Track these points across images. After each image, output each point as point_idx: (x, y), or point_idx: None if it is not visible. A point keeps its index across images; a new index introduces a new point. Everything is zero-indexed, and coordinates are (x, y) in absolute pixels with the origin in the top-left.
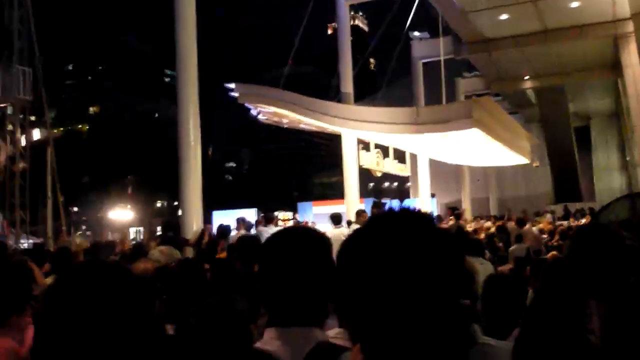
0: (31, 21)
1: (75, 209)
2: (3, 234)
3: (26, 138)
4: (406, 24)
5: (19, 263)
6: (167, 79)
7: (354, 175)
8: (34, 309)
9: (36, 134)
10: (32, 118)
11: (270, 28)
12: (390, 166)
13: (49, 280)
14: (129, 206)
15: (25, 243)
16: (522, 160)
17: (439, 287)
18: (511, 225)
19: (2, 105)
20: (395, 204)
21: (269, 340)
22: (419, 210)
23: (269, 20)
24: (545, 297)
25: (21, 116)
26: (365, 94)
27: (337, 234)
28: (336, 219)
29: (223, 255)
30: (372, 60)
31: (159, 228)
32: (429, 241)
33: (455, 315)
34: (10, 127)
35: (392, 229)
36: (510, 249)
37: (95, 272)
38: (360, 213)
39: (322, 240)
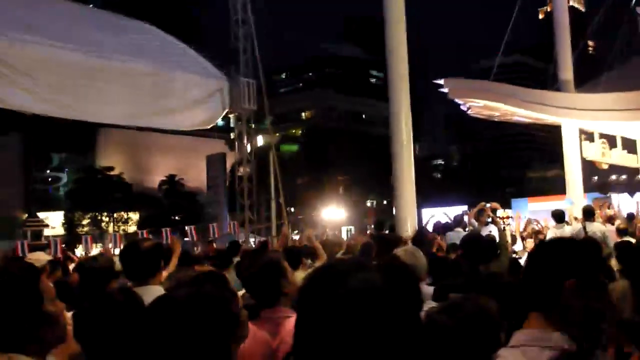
0: (254, 37)
1: (292, 209)
2: (233, 234)
3: (251, 144)
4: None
5: (271, 261)
6: (372, 80)
7: (576, 168)
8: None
9: (259, 141)
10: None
11: (474, 18)
12: (618, 157)
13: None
14: (340, 206)
15: (252, 241)
16: None
17: None
18: None
19: (230, 115)
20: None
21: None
22: None
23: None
24: None
25: (246, 124)
26: (585, 80)
27: (559, 233)
28: (558, 217)
29: (439, 254)
30: (590, 43)
31: (368, 227)
32: None
33: None
34: (232, 135)
35: None
36: None
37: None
38: (588, 210)
39: None
